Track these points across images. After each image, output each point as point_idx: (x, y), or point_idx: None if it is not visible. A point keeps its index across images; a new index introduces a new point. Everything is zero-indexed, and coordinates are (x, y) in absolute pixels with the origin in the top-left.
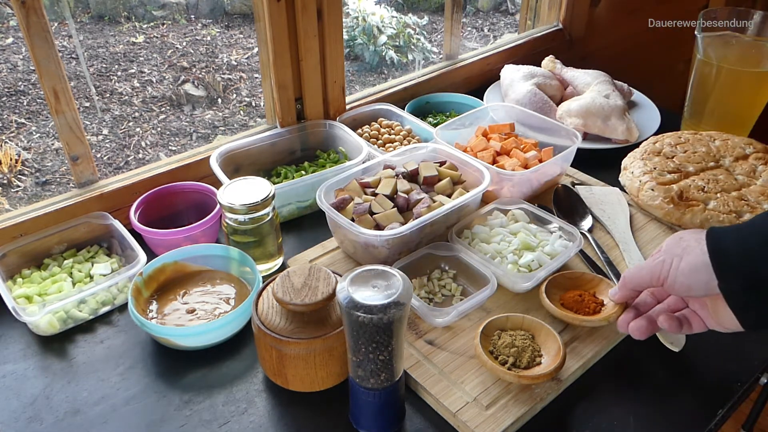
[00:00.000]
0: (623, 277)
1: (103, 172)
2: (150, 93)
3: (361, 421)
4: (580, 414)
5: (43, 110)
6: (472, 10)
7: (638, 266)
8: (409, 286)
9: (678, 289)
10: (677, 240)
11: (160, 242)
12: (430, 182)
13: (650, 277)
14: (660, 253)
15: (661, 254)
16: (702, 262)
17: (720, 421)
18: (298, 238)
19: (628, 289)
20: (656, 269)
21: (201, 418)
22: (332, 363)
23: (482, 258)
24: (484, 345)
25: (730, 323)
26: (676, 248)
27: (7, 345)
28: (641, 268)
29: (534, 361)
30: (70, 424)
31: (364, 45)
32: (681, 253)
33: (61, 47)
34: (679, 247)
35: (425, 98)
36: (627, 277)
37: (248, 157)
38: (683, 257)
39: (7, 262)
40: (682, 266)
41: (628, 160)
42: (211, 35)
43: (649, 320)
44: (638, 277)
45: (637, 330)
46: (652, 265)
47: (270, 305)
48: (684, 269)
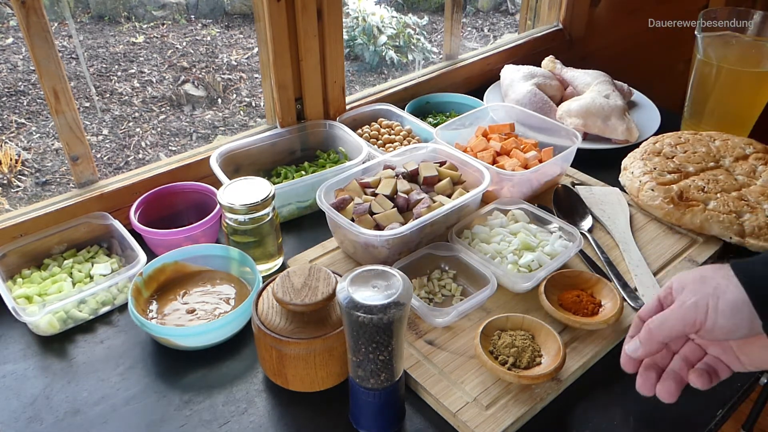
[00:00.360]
0: (648, 330)
1: (103, 172)
2: (150, 93)
3: (361, 421)
4: (580, 414)
5: (43, 110)
6: (472, 10)
7: (662, 315)
8: (409, 286)
9: (718, 333)
10: (700, 279)
11: (160, 242)
12: (430, 182)
13: (683, 325)
14: (684, 294)
15: (689, 296)
16: (742, 300)
17: (720, 421)
18: (298, 238)
19: (655, 342)
20: (689, 315)
21: (201, 418)
22: (332, 363)
23: (482, 258)
24: (484, 345)
25: (763, 361)
26: (706, 288)
27: (7, 345)
28: (668, 317)
29: (534, 362)
30: (70, 424)
31: (364, 45)
32: (715, 293)
33: (61, 47)
34: (708, 286)
35: (425, 98)
36: (654, 329)
37: (248, 157)
38: (720, 297)
39: (7, 262)
40: (721, 307)
41: (628, 160)
42: (211, 35)
43: (676, 379)
44: (668, 327)
45: (667, 393)
46: (682, 311)
47: (270, 305)
48: (725, 311)
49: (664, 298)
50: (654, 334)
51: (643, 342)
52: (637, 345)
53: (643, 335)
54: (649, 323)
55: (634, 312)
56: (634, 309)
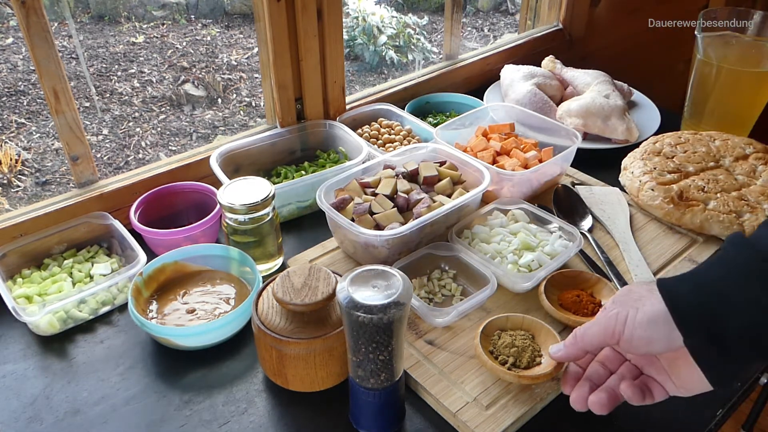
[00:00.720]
0: (573, 335)
1: (103, 172)
2: (150, 93)
3: (361, 421)
4: (580, 414)
5: (43, 110)
6: (472, 10)
7: (588, 323)
8: (409, 286)
9: (636, 344)
10: (626, 291)
11: (160, 242)
12: (430, 182)
13: (603, 334)
14: (609, 305)
15: (613, 307)
16: (660, 310)
17: (720, 421)
18: (298, 238)
19: (577, 348)
20: (609, 323)
21: (201, 418)
22: (332, 363)
23: (482, 258)
24: (484, 345)
25: (694, 384)
26: (629, 300)
27: (7, 345)
28: (591, 324)
29: (534, 361)
30: (70, 424)
31: (364, 45)
32: (635, 304)
33: (61, 47)
34: (630, 298)
35: (425, 98)
36: (578, 336)
37: (248, 157)
38: (639, 308)
39: (7, 262)
40: (639, 318)
41: (628, 160)
42: (211, 35)
43: (609, 392)
44: (590, 334)
45: (598, 404)
46: (605, 320)
47: (270, 305)
48: (641, 321)
49: None
50: (577, 339)
51: (567, 345)
52: (560, 347)
53: (568, 340)
54: (575, 330)
55: None
56: None
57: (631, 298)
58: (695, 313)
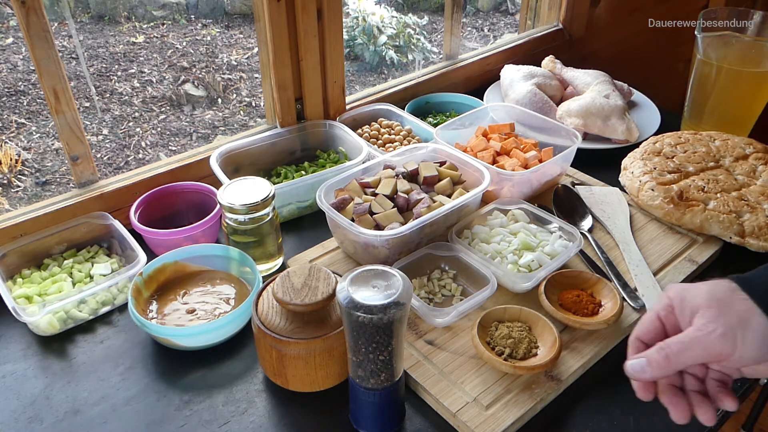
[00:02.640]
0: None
1: (103, 172)
2: (150, 93)
3: (361, 421)
4: (580, 414)
5: (43, 110)
6: (472, 10)
7: (683, 343)
8: (409, 286)
9: (742, 362)
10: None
11: (160, 242)
12: (430, 182)
13: (706, 355)
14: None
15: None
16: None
17: (720, 421)
18: (298, 238)
19: (669, 370)
20: (716, 346)
21: (201, 418)
22: (332, 363)
23: (482, 258)
24: (482, 336)
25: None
26: (730, 318)
27: (7, 345)
28: (690, 345)
29: (530, 353)
30: (70, 424)
31: (364, 45)
32: (741, 324)
33: (61, 47)
34: (732, 315)
35: (425, 98)
36: (673, 356)
37: (248, 157)
38: (746, 328)
39: (7, 262)
40: (750, 339)
41: (628, 160)
42: (211, 35)
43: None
44: (690, 356)
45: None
46: (709, 341)
47: (270, 305)
48: (753, 342)
49: (665, 317)
50: (672, 361)
51: (655, 366)
52: (643, 365)
53: (657, 358)
54: (667, 348)
55: (634, 312)
56: (635, 309)
57: (733, 315)
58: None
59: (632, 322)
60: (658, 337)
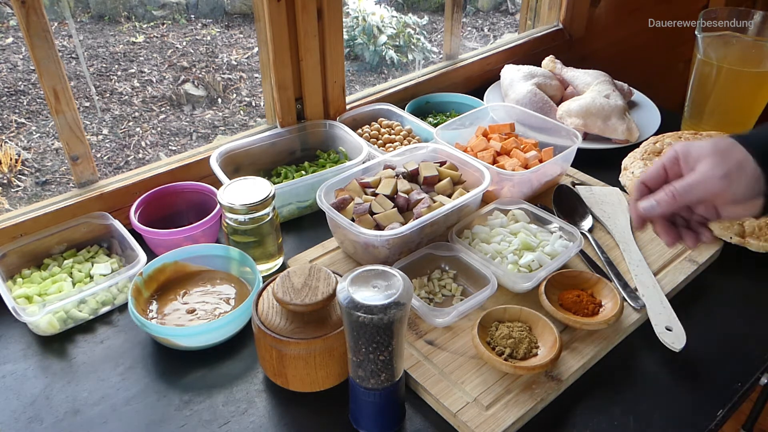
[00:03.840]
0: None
1: (103, 172)
2: (150, 93)
3: (361, 421)
4: (580, 414)
5: (43, 110)
6: (472, 10)
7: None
8: (409, 286)
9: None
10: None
11: (160, 242)
12: (430, 182)
13: (707, 193)
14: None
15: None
16: (758, 175)
17: (720, 421)
18: (298, 238)
19: (677, 205)
20: (718, 185)
21: (201, 418)
22: (332, 363)
23: (482, 258)
24: (482, 336)
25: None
26: (730, 162)
27: (7, 345)
28: (695, 184)
29: (531, 353)
30: (70, 424)
31: (364, 45)
32: (739, 167)
33: (61, 47)
34: (732, 159)
35: (425, 98)
36: (679, 194)
37: (248, 157)
38: (741, 171)
39: (7, 262)
40: (743, 180)
41: (628, 160)
42: (211, 35)
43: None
44: (695, 193)
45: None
46: (713, 181)
47: (270, 305)
48: (745, 183)
49: (669, 168)
50: (678, 198)
51: (662, 203)
52: (653, 204)
53: (664, 197)
54: (673, 188)
55: (634, 312)
56: (635, 309)
57: (733, 159)
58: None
59: (632, 322)
60: (660, 183)
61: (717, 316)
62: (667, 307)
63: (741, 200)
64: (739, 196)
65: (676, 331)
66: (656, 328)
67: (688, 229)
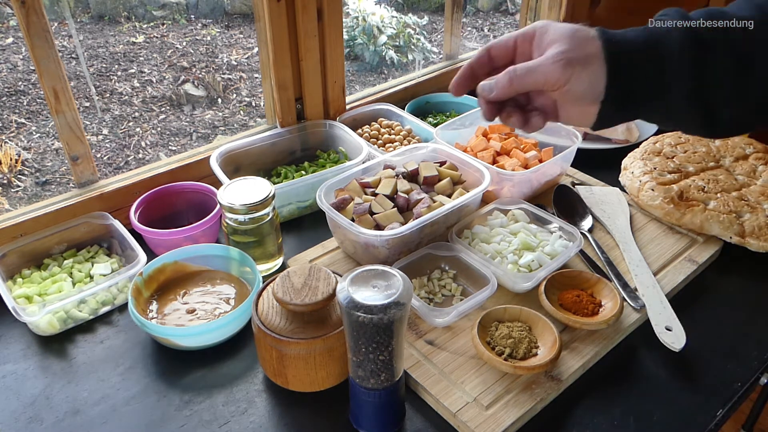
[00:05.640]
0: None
1: (103, 172)
2: (150, 93)
3: (361, 421)
4: (580, 414)
5: (43, 110)
6: (472, 10)
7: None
8: (409, 286)
9: (569, 96)
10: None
11: (160, 242)
12: (430, 182)
13: (546, 81)
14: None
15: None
16: (602, 74)
17: (720, 421)
18: (298, 238)
19: (513, 91)
20: (556, 74)
21: (201, 418)
22: (332, 363)
23: (482, 258)
24: (482, 336)
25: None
26: (578, 52)
27: (7, 345)
28: (535, 69)
29: (530, 353)
30: (70, 424)
31: (364, 45)
32: (585, 60)
33: (61, 47)
34: (582, 51)
35: (425, 98)
36: (516, 78)
37: (248, 157)
38: (586, 66)
39: (7, 262)
40: (584, 77)
41: (628, 160)
42: (211, 35)
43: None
44: (532, 79)
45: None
46: (552, 68)
47: (270, 305)
48: (585, 80)
49: (521, 42)
50: (515, 83)
51: (500, 87)
52: (491, 87)
53: (503, 80)
54: (513, 71)
55: (634, 312)
56: (635, 309)
57: (582, 51)
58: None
59: (632, 322)
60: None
61: (717, 316)
62: (666, 307)
63: (579, 99)
64: (578, 93)
65: (676, 331)
66: (656, 328)
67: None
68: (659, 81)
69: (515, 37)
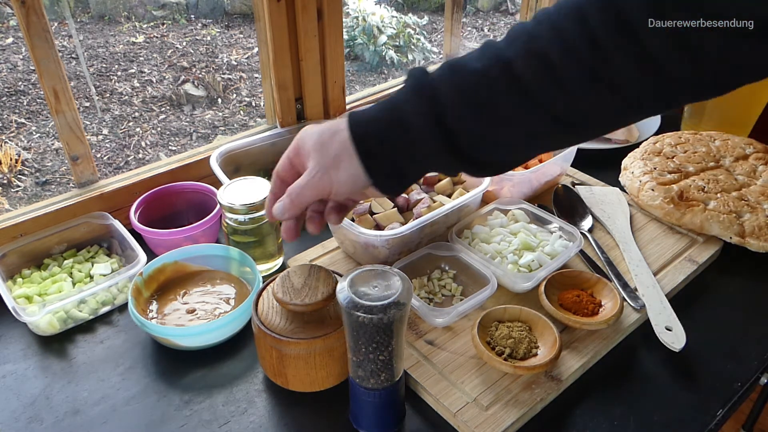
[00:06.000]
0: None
1: (103, 172)
2: (150, 93)
3: (361, 421)
4: (580, 414)
5: (43, 110)
6: (472, 10)
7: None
8: (409, 286)
9: (342, 196)
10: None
11: (160, 242)
12: (430, 182)
13: (317, 193)
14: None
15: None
16: (358, 169)
17: (720, 421)
18: (298, 238)
19: (298, 208)
20: (320, 186)
21: (201, 418)
22: (332, 363)
23: (482, 258)
24: (482, 336)
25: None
26: (326, 158)
27: (7, 345)
28: (303, 187)
29: (530, 353)
30: (70, 424)
31: (364, 45)
32: (333, 165)
33: (61, 47)
34: (328, 156)
35: None
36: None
37: (248, 157)
38: (339, 168)
39: (7, 262)
40: (342, 178)
41: (628, 160)
42: (211, 35)
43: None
44: (306, 196)
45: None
46: (314, 182)
47: (270, 305)
48: (345, 181)
49: (294, 159)
50: (295, 202)
51: (288, 207)
52: (282, 209)
53: (287, 202)
54: (290, 192)
55: (634, 312)
56: (635, 309)
57: (329, 155)
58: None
59: (632, 322)
60: (293, 174)
61: (717, 316)
62: (667, 306)
63: (353, 192)
64: (347, 190)
65: (676, 331)
66: (656, 328)
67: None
68: (415, 149)
69: (289, 156)
